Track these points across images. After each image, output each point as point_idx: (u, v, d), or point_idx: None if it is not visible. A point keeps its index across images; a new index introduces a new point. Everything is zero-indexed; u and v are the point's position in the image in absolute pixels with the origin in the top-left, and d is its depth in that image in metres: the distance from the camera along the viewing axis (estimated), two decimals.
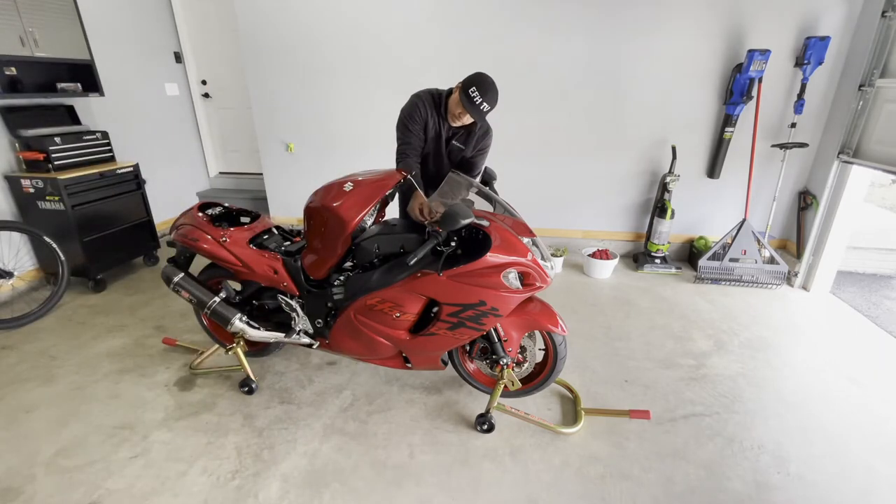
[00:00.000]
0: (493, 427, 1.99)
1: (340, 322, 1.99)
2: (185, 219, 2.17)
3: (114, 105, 3.69)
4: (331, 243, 1.91)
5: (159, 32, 4.12)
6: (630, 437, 1.97)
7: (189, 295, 2.12)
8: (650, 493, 1.71)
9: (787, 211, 3.68)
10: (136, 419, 2.04)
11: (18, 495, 1.67)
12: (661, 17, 3.26)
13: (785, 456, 1.89)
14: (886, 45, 2.81)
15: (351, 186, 1.87)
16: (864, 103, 2.92)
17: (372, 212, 1.94)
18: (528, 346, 2.04)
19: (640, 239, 3.91)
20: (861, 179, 3.03)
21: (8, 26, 2.75)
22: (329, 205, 1.85)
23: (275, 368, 2.41)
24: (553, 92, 3.55)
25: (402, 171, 1.96)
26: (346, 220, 1.82)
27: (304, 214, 1.97)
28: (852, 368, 2.47)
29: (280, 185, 4.24)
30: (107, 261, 3.27)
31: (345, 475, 1.77)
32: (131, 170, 3.38)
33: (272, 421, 2.04)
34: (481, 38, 3.48)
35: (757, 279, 3.39)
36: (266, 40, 3.72)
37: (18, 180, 2.97)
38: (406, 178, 1.93)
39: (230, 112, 4.64)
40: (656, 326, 2.86)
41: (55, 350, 2.54)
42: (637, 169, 3.70)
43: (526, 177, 3.79)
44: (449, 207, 1.60)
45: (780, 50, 3.19)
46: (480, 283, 1.71)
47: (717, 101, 3.44)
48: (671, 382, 2.33)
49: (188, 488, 1.71)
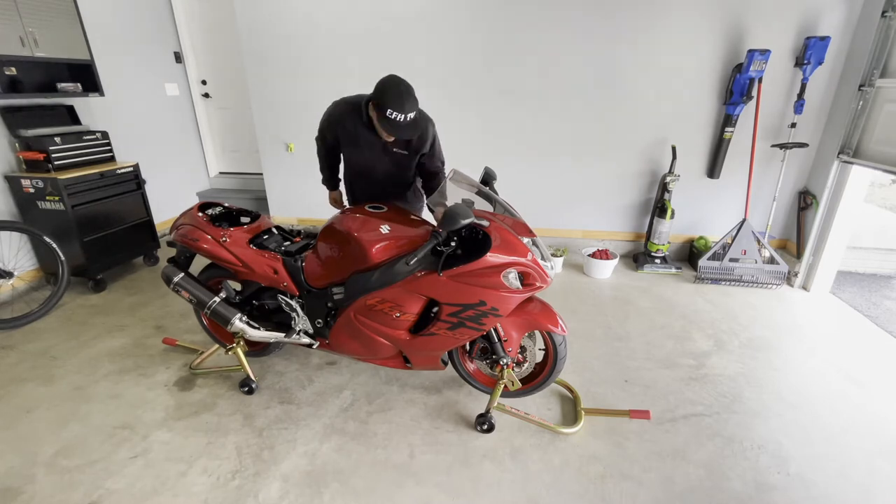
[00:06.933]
0: (493, 427, 1.99)
1: (340, 322, 1.99)
2: (185, 219, 2.17)
3: (114, 105, 3.69)
4: (345, 267, 1.92)
5: (159, 32, 4.12)
6: (630, 437, 1.97)
7: (189, 295, 2.12)
8: (650, 493, 1.71)
9: (787, 211, 3.68)
10: (136, 419, 2.04)
11: (18, 495, 1.67)
12: (661, 17, 3.26)
13: (785, 456, 1.89)
14: (886, 45, 2.81)
15: (388, 230, 1.85)
16: (864, 103, 2.92)
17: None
18: (528, 346, 2.04)
19: (640, 239, 3.92)
20: (861, 179, 3.03)
21: (8, 26, 2.75)
22: (361, 238, 1.83)
23: (275, 368, 2.41)
24: (553, 92, 3.55)
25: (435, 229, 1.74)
26: (371, 259, 1.83)
27: (327, 230, 1.96)
28: (852, 368, 2.47)
29: (280, 185, 4.24)
30: (107, 261, 3.26)
31: (345, 475, 1.77)
32: (131, 170, 3.38)
33: (272, 421, 2.04)
34: (482, 39, 3.47)
35: (757, 279, 3.39)
36: (266, 40, 3.72)
37: (18, 180, 2.97)
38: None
39: (230, 112, 4.64)
40: (656, 326, 2.86)
41: (55, 350, 2.54)
42: (637, 169, 3.70)
43: (526, 177, 3.80)
44: (449, 207, 1.60)
45: (780, 50, 3.19)
46: (480, 283, 1.71)
47: (717, 101, 3.44)
48: (671, 382, 2.33)
49: (188, 488, 1.71)
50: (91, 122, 3.46)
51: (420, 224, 1.97)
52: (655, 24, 3.28)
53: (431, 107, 2.58)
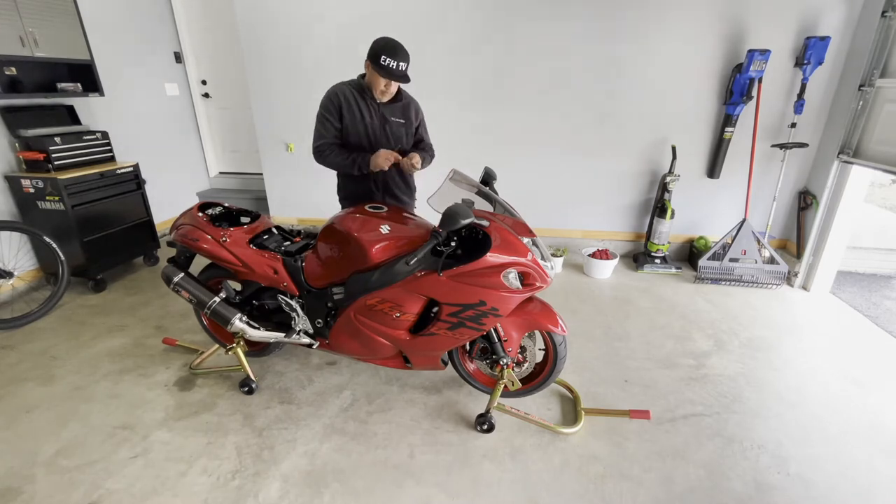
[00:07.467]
0: (493, 427, 1.99)
1: (340, 322, 1.99)
2: (185, 219, 2.17)
3: (114, 105, 3.69)
4: (345, 267, 1.92)
5: (159, 32, 4.13)
6: (630, 437, 1.97)
7: (189, 295, 2.12)
8: (650, 493, 1.71)
9: (787, 211, 3.68)
10: (136, 419, 2.04)
11: (18, 495, 1.67)
12: (662, 17, 3.26)
13: (785, 456, 1.89)
14: (886, 45, 2.81)
15: (388, 230, 1.85)
16: (864, 103, 2.92)
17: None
18: (528, 346, 2.04)
19: (640, 239, 3.92)
20: (861, 179, 3.03)
21: (8, 26, 2.75)
22: (361, 238, 1.83)
23: (275, 368, 2.41)
24: (553, 92, 3.55)
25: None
26: (371, 259, 1.83)
27: (327, 230, 1.96)
28: (852, 368, 2.47)
29: (280, 185, 4.24)
30: (107, 261, 3.27)
31: (345, 475, 1.77)
32: (131, 170, 3.38)
33: (272, 421, 2.04)
34: (482, 40, 3.47)
35: (757, 279, 3.39)
36: (266, 40, 3.72)
37: (18, 180, 2.97)
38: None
39: (230, 112, 4.64)
40: (656, 326, 2.86)
41: (55, 350, 2.54)
42: (637, 169, 3.70)
43: (526, 177, 3.80)
44: (449, 207, 1.60)
45: (780, 50, 3.19)
46: (480, 283, 1.71)
47: (717, 101, 3.44)
48: (671, 382, 2.33)
49: (188, 488, 1.71)
50: (91, 122, 3.46)
51: (420, 224, 1.97)
52: (655, 25, 3.28)
53: (432, 107, 2.58)
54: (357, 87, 2.16)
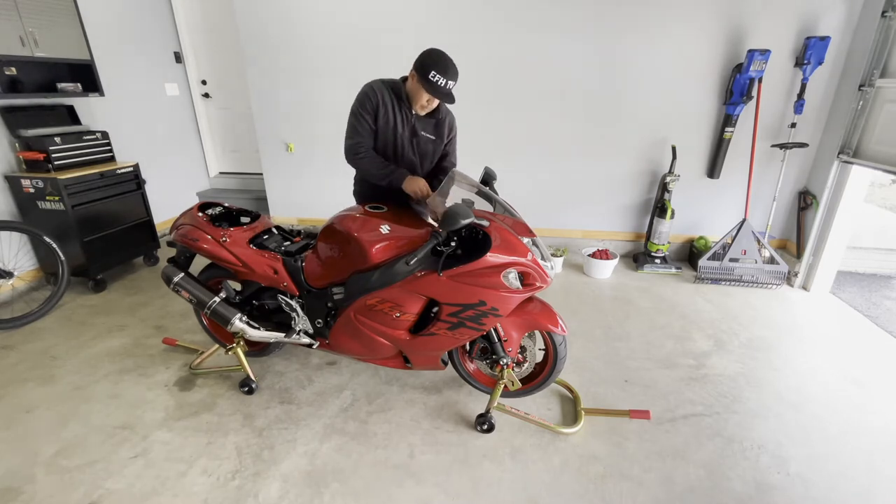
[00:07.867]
0: (493, 427, 1.99)
1: (340, 322, 1.99)
2: (185, 219, 2.17)
3: (114, 105, 3.69)
4: (345, 267, 1.92)
5: (159, 32, 4.12)
6: (630, 437, 1.97)
7: (189, 295, 2.12)
8: (650, 493, 1.71)
9: (787, 211, 3.68)
10: (136, 419, 2.04)
11: (18, 495, 1.67)
12: (661, 17, 3.26)
13: (785, 456, 1.89)
14: (886, 45, 2.81)
15: (388, 230, 1.85)
16: (864, 103, 2.92)
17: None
18: (528, 346, 2.04)
19: (640, 239, 3.92)
20: (861, 179, 3.03)
21: (8, 26, 2.75)
22: (361, 238, 1.83)
23: (275, 368, 2.41)
24: (553, 92, 3.55)
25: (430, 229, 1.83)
26: (371, 259, 1.82)
27: (327, 230, 1.96)
28: (852, 368, 2.47)
29: (280, 185, 4.24)
30: (107, 261, 3.26)
31: (345, 475, 1.77)
32: (131, 170, 3.38)
33: (272, 421, 2.04)
34: (482, 40, 3.47)
35: (757, 279, 3.39)
36: (266, 40, 3.72)
37: (18, 180, 2.97)
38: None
39: (230, 112, 4.64)
40: (656, 326, 2.86)
41: (55, 350, 2.54)
42: (637, 169, 3.70)
43: (526, 177, 3.79)
44: (449, 207, 1.60)
45: (780, 50, 3.19)
46: (480, 283, 1.71)
47: (717, 101, 3.44)
48: (671, 382, 2.33)
49: (188, 488, 1.71)
50: (91, 122, 3.46)
51: (420, 224, 1.97)
52: (655, 25, 3.28)
53: None
54: (396, 90, 2.01)
